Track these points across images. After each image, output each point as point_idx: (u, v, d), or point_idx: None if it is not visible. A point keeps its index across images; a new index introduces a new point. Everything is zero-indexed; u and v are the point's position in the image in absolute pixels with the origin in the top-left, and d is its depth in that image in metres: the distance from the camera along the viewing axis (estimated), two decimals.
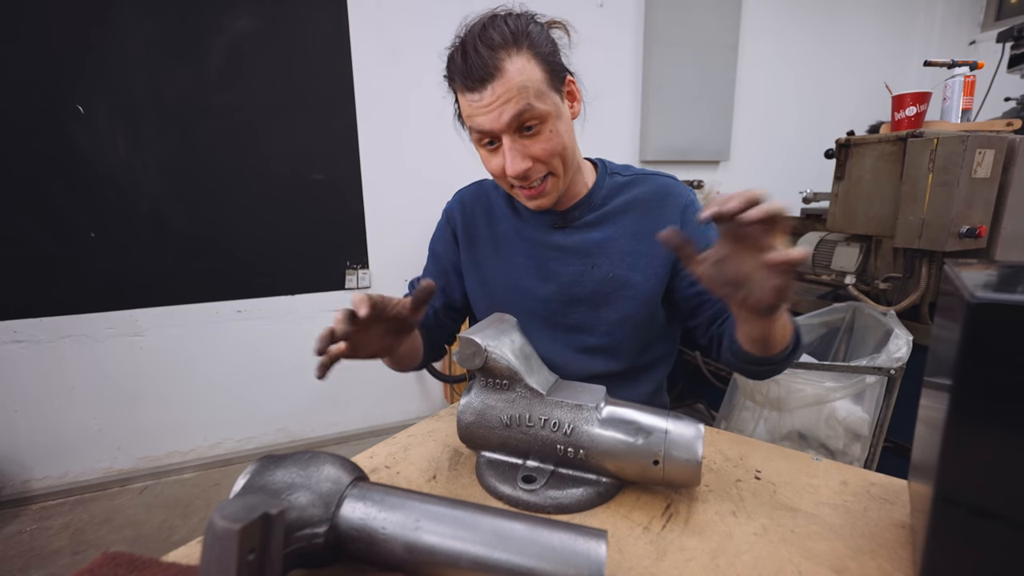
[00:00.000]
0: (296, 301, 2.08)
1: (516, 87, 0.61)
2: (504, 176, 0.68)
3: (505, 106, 0.61)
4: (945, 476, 0.29)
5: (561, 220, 0.78)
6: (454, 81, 0.65)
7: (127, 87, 1.72)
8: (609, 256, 0.76)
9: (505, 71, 0.61)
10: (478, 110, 0.63)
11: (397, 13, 2.01)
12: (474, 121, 0.65)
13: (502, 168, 0.66)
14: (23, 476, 1.82)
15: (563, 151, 0.68)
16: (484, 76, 0.61)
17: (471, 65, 0.61)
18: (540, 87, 0.63)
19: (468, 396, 0.47)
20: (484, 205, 0.85)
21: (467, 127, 0.69)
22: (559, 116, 0.67)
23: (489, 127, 0.63)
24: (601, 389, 0.48)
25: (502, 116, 0.62)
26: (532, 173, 0.67)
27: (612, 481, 0.44)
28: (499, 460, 0.47)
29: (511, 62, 0.61)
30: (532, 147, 0.65)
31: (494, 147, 0.67)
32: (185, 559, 0.36)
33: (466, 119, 0.67)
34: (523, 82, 0.62)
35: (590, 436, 0.44)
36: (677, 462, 0.41)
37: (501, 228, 0.82)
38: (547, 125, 0.65)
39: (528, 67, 0.63)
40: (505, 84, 0.61)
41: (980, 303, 0.26)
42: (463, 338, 0.46)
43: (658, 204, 0.77)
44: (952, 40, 2.97)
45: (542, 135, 0.65)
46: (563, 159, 0.68)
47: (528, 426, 0.45)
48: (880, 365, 1.06)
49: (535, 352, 0.52)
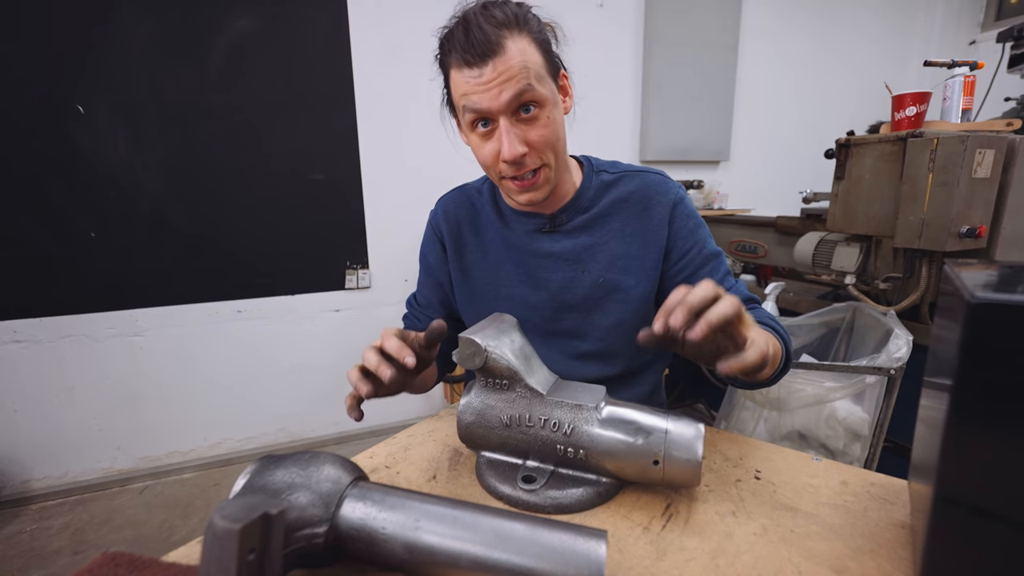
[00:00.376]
0: (296, 301, 2.08)
1: (518, 66, 0.59)
2: (496, 164, 0.65)
3: (506, 84, 0.59)
4: (945, 476, 0.29)
5: (549, 224, 0.76)
6: (449, 57, 0.62)
7: (127, 87, 1.72)
8: (599, 260, 0.75)
9: (507, 49, 0.59)
10: (476, 87, 0.60)
11: (397, 13, 2.01)
12: (470, 100, 0.61)
13: (496, 154, 0.64)
14: (23, 476, 1.82)
15: (556, 142, 0.66)
16: (486, 51, 0.58)
17: (473, 40, 0.58)
18: (540, 71, 0.62)
19: (468, 396, 0.47)
20: (468, 212, 0.82)
21: (458, 109, 0.65)
22: (555, 104, 0.65)
23: (487, 106, 0.60)
24: (601, 389, 0.48)
25: (502, 95, 0.59)
26: (527, 160, 0.64)
27: (612, 481, 0.44)
28: (499, 460, 0.47)
29: (513, 41, 0.60)
30: (529, 132, 0.63)
31: (487, 130, 0.64)
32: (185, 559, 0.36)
33: (459, 99, 0.63)
34: (524, 62, 0.60)
35: (590, 436, 0.44)
36: (677, 462, 0.41)
37: (488, 236, 0.80)
38: (545, 111, 0.63)
39: (529, 49, 0.61)
40: (507, 62, 0.59)
41: (981, 303, 0.26)
42: (463, 338, 0.46)
43: (647, 204, 0.75)
44: (952, 40, 2.97)
45: (540, 120, 0.63)
46: (555, 151, 0.67)
47: (528, 426, 0.45)
48: (880, 365, 1.06)
49: (535, 352, 0.51)
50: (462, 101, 0.63)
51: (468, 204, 0.82)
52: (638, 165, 0.81)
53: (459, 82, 0.62)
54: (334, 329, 2.15)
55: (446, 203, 0.84)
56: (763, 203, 2.57)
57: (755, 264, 1.94)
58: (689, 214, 0.76)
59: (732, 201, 2.69)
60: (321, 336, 2.14)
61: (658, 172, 0.79)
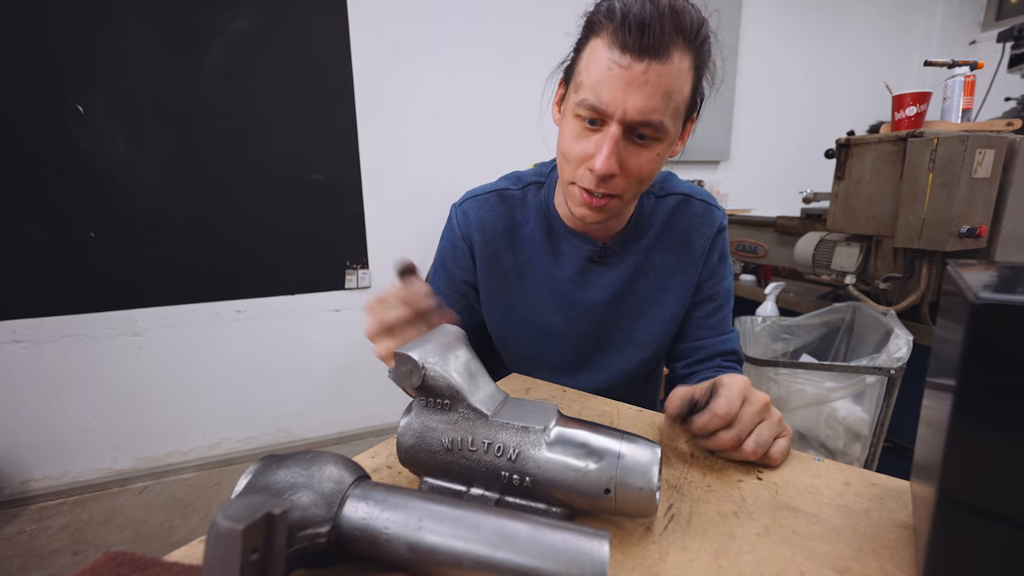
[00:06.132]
0: (296, 301, 2.08)
1: (667, 86, 0.51)
2: (579, 166, 0.58)
3: (645, 95, 0.51)
4: (948, 477, 0.29)
5: (600, 254, 0.71)
6: (605, 24, 0.52)
7: (127, 87, 1.72)
8: (637, 293, 0.73)
9: (671, 60, 0.51)
10: (615, 77, 0.51)
11: (397, 13, 2.01)
12: (600, 87, 0.52)
13: (586, 156, 0.56)
14: (23, 476, 1.82)
15: (649, 179, 0.59)
16: (650, 48, 0.49)
17: (649, 28, 0.49)
18: (680, 105, 0.55)
19: (408, 417, 0.43)
20: (507, 224, 0.73)
21: (576, 84, 0.56)
22: (670, 144, 0.58)
23: (611, 103, 0.52)
24: (553, 408, 0.43)
25: (635, 101, 0.51)
26: (613, 183, 0.57)
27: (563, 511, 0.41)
28: (442, 487, 0.42)
29: (680, 57, 0.51)
30: (631, 157, 0.56)
31: (594, 127, 0.55)
32: (187, 559, 0.36)
33: (586, 76, 0.54)
34: (674, 88, 0.52)
35: (536, 462, 0.39)
36: (631, 490, 0.37)
37: (526, 255, 0.73)
38: (658, 146, 0.56)
39: (686, 75, 0.53)
40: (661, 74, 0.51)
41: (984, 304, 0.26)
42: (399, 354, 0.41)
43: (688, 236, 0.72)
44: (952, 40, 2.97)
45: (648, 152, 0.56)
46: (640, 187, 0.60)
47: (471, 450, 0.41)
48: (880, 365, 1.06)
49: (482, 368, 0.46)
50: (589, 80, 0.53)
51: (507, 215, 0.73)
52: (686, 185, 0.75)
53: (599, 57, 0.52)
54: (334, 329, 2.15)
55: (479, 208, 0.73)
56: (763, 203, 2.57)
57: (755, 264, 1.94)
58: (723, 250, 0.75)
59: (732, 201, 2.70)
60: (321, 336, 2.14)
61: (704, 199, 0.74)
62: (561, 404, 0.63)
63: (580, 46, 0.57)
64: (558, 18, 2.15)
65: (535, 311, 0.73)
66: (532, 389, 0.67)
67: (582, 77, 0.55)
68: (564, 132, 0.59)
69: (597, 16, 0.54)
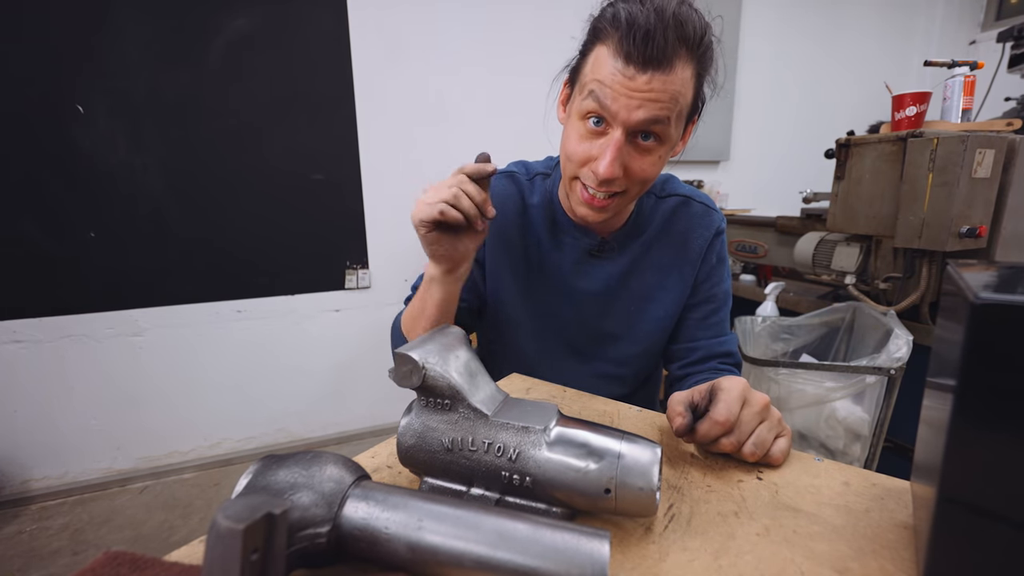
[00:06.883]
0: (296, 301, 2.08)
1: (671, 93, 0.53)
2: (581, 166, 0.60)
3: (649, 104, 0.53)
4: (949, 477, 0.29)
5: (599, 248, 0.74)
6: (610, 33, 0.53)
7: (127, 86, 1.72)
8: (632, 289, 0.75)
9: (674, 71, 0.53)
10: (619, 86, 0.53)
11: (397, 13, 2.01)
12: (604, 94, 0.54)
13: (589, 157, 0.58)
14: (23, 476, 1.82)
15: (650, 180, 0.61)
16: (653, 60, 0.51)
17: (653, 40, 0.50)
18: (683, 110, 0.57)
19: (409, 416, 0.43)
20: (517, 206, 0.75)
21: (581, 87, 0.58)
22: (672, 146, 0.60)
23: (616, 110, 0.54)
24: (553, 408, 0.43)
25: (639, 111, 0.53)
26: (615, 185, 0.59)
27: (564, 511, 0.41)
28: (442, 487, 0.43)
29: (683, 67, 0.53)
30: (634, 160, 0.58)
31: (598, 129, 0.57)
32: (187, 559, 0.36)
33: (591, 82, 0.55)
34: (678, 94, 0.54)
35: (536, 461, 0.39)
36: (631, 490, 0.37)
37: (533, 240, 0.75)
38: (660, 150, 0.58)
39: (688, 83, 0.55)
40: (665, 84, 0.53)
41: (985, 304, 0.26)
42: (398, 354, 0.41)
43: (686, 237, 0.74)
44: (952, 40, 2.97)
45: (651, 155, 0.58)
46: (642, 187, 0.62)
47: (471, 450, 0.41)
48: (880, 365, 1.06)
49: (482, 368, 0.47)
50: (593, 86, 0.55)
51: (519, 199, 0.75)
52: (687, 188, 0.77)
53: (604, 65, 0.54)
54: (334, 329, 2.15)
55: (494, 188, 0.74)
56: (763, 203, 2.57)
57: (755, 264, 1.94)
58: (721, 252, 0.77)
59: (732, 201, 2.70)
60: (321, 336, 2.14)
61: (703, 201, 0.76)
62: (561, 404, 0.63)
63: (586, 50, 0.58)
64: (559, 18, 2.15)
65: (537, 299, 0.76)
66: (532, 389, 0.67)
67: (587, 81, 0.56)
68: (568, 132, 0.61)
69: (602, 23, 0.55)
